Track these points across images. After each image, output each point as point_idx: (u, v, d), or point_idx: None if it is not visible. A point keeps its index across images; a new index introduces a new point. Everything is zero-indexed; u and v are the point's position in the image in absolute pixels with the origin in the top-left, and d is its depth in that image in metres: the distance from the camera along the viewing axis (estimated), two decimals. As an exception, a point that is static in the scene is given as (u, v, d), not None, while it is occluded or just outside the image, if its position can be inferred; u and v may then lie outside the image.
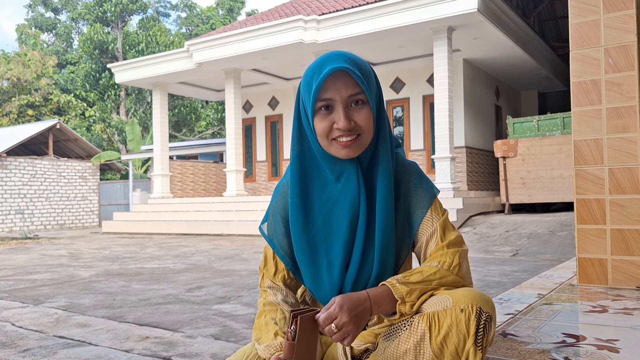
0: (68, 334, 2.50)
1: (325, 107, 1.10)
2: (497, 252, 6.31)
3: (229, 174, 12.00)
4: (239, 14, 36.41)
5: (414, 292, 1.09)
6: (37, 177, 16.18)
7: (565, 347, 1.53)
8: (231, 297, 3.50)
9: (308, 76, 1.12)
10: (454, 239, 1.18)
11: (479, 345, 1.02)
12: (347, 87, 1.09)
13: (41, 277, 4.84)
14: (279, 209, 1.23)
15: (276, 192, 1.26)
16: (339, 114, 1.08)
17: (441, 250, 1.16)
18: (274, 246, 1.24)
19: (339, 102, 1.09)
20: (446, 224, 1.20)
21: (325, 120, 1.10)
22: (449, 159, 9.38)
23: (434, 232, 1.18)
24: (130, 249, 7.95)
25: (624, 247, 2.46)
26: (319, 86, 1.07)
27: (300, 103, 1.16)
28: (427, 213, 1.19)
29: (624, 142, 2.47)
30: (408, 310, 1.08)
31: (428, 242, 1.19)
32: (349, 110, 1.10)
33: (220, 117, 27.12)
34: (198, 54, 11.41)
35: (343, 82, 1.09)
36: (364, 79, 1.10)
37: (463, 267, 1.16)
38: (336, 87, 1.08)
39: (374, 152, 1.16)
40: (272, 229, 1.24)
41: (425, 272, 1.12)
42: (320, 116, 1.10)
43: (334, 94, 1.09)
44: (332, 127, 1.10)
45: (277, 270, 1.25)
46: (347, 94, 1.09)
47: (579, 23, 2.60)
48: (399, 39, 10.03)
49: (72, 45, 35.37)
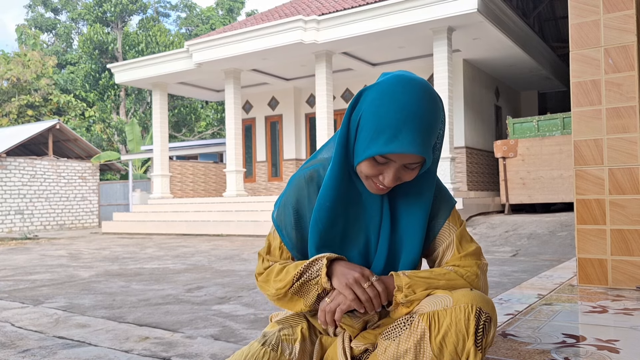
0: (68, 334, 2.50)
1: (381, 159, 1.06)
2: (497, 253, 6.31)
3: (228, 174, 12.00)
4: (238, 14, 36.41)
5: (415, 286, 1.10)
6: (37, 177, 16.18)
7: (565, 347, 1.52)
8: (231, 298, 3.50)
9: (381, 115, 1.03)
10: (472, 250, 1.19)
11: (478, 346, 1.02)
12: (411, 157, 1.05)
13: (41, 277, 4.83)
14: (292, 202, 1.22)
15: (291, 184, 1.24)
16: (389, 174, 1.06)
17: (458, 260, 1.17)
18: (283, 236, 1.23)
19: (396, 164, 1.06)
20: (463, 234, 1.20)
21: (374, 169, 1.07)
22: (449, 159, 9.38)
23: (450, 244, 1.19)
24: (130, 249, 7.94)
25: (624, 247, 2.46)
26: (387, 152, 1.03)
27: (354, 121, 1.10)
28: (444, 223, 1.20)
29: (624, 143, 2.47)
30: (401, 299, 1.09)
31: (444, 253, 1.20)
32: (401, 170, 1.08)
33: (220, 117, 27.13)
34: (198, 54, 11.41)
35: (410, 155, 1.04)
36: (429, 146, 1.06)
37: (480, 280, 1.16)
38: (401, 154, 1.04)
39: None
40: (282, 219, 1.23)
41: (435, 271, 1.14)
42: (372, 163, 1.07)
43: (395, 158, 1.05)
44: (377, 175, 1.08)
45: (282, 257, 1.25)
46: (408, 161, 1.06)
47: (579, 23, 2.60)
48: (399, 39, 10.03)
49: (71, 45, 35.36)
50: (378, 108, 1.04)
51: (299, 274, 1.15)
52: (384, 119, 1.03)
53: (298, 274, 1.15)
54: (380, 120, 1.03)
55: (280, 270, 1.19)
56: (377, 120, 1.04)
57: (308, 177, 1.21)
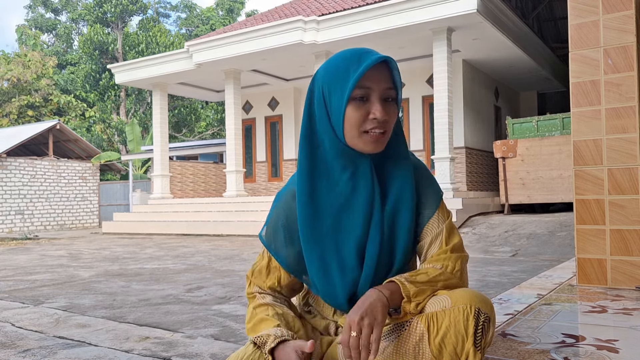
0: (68, 334, 2.50)
1: (361, 98, 1.09)
2: (496, 253, 6.31)
3: (228, 174, 12.00)
4: (238, 15, 36.41)
5: (421, 293, 1.09)
6: (37, 177, 16.18)
7: (564, 347, 1.53)
8: (231, 298, 3.50)
9: (339, 66, 1.10)
10: (457, 243, 1.19)
11: (477, 346, 1.02)
12: (385, 80, 1.10)
13: (41, 277, 4.84)
14: (281, 217, 1.22)
15: (277, 201, 1.25)
16: (376, 105, 1.09)
17: (444, 254, 1.16)
18: (274, 254, 1.23)
19: (377, 94, 1.09)
20: (452, 227, 1.21)
21: (360, 110, 1.09)
22: (449, 160, 9.38)
23: (439, 234, 1.18)
24: (130, 249, 7.95)
25: (623, 247, 2.46)
26: (362, 74, 1.07)
27: (318, 97, 1.14)
28: (434, 214, 1.20)
29: (623, 143, 2.48)
30: (413, 309, 1.08)
31: (432, 243, 1.19)
32: (384, 105, 1.10)
33: (220, 117, 27.12)
34: (198, 54, 11.41)
35: (382, 75, 1.10)
36: (399, 76, 1.13)
37: (464, 273, 1.18)
38: (375, 78, 1.09)
39: (388, 149, 1.16)
40: (272, 237, 1.24)
41: (430, 273, 1.12)
42: (355, 105, 1.09)
43: (372, 84, 1.09)
44: (366, 117, 1.09)
45: (268, 278, 1.25)
46: (385, 87, 1.10)
47: (578, 24, 2.61)
48: (399, 40, 10.03)
49: (72, 45, 35.36)
50: (332, 67, 1.12)
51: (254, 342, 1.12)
52: (342, 66, 1.10)
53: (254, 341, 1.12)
54: (339, 69, 1.10)
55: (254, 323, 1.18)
56: (336, 71, 1.10)
57: (294, 192, 1.21)
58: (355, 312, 1.02)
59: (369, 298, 1.05)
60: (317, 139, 1.15)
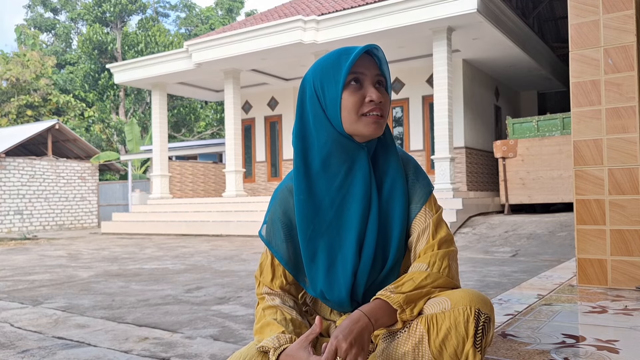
0: (67, 334, 2.50)
1: (355, 81, 1.13)
2: (496, 253, 6.31)
3: (228, 174, 11.99)
4: (238, 14, 36.41)
5: (412, 300, 1.08)
6: (36, 177, 16.16)
7: (564, 347, 1.52)
8: (230, 298, 3.49)
9: (330, 61, 1.15)
10: (445, 236, 1.18)
11: (478, 347, 1.02)
12: (374, 67, 1.15)
13: (40, 277, 4.83)
14: (279, 214, 1.22)
15: (275, 198, 1.25)
16: (371, 88, 1.13)
17: (431, 250, 1.16)
18: (274, 251, 1.23)
19: (369, 78, 1.14)
20: (439, 221, 1.20)
21: (356, 94, 1.13)
22: (449, 160, 9.38)
23: (426, 228, 1.18)
24: (129, 249, 7.94)
25: (624, 247, 2.46)
26: (353, 61, 1.12)
27: (311, 94, 1.16)
28: (422, 208, 1.20)
29: (624, 143, 2.47)
30: (409, 316, 1.07)
31: (419, 238, 1.19)
32: (377, 89, 1.15)
33: (219, 117, 27.11)
34: (197, 54, 11.41)
35: (371, 63, 1.15)
36: (387, 65, 1.18)
37: (452, 269, 1.16)
38: (365, 65, 1.14)
39: (379, 141, 1.20)
40: (272, 234, 1.24)
41: (416, 278, 1.11)
42: (351, 90, 1.13)
43: (364, 70, 1.14)
44: (363, 101, 1.13)
45: (275, 276, 1.25)
46: (375, 72, 1.15)
47: (579, 23, 2.60)
48: (399, 40, 10.03)
49: (71, 45, 35.33)
50: (322, 63, 1.16)
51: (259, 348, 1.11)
52: (333, 59, 1.14)
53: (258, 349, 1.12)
54: (331, 61, 1.14)
55: (262, 324, 1.18)
56: (329, 64, 1.15)
57: (291, 188, 1.21)
58: (344, 338, 1.00)
59: (358, 322, 1.03)
60: (311, 137, 1.16)
